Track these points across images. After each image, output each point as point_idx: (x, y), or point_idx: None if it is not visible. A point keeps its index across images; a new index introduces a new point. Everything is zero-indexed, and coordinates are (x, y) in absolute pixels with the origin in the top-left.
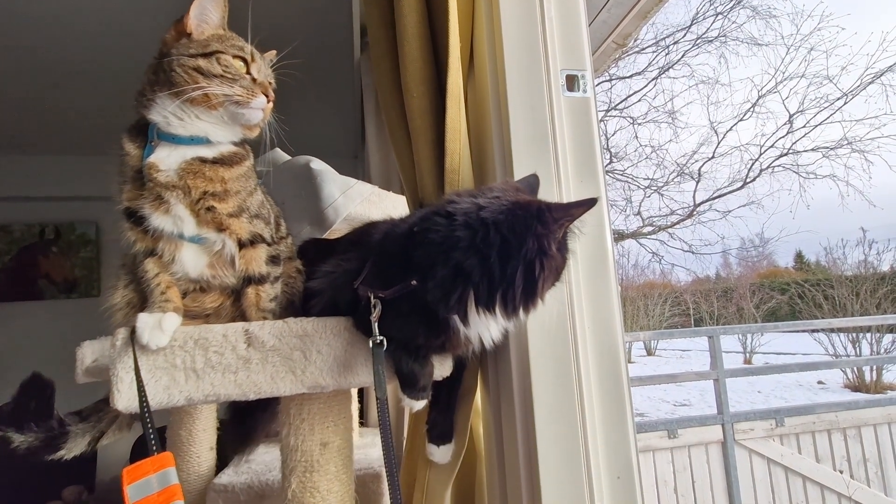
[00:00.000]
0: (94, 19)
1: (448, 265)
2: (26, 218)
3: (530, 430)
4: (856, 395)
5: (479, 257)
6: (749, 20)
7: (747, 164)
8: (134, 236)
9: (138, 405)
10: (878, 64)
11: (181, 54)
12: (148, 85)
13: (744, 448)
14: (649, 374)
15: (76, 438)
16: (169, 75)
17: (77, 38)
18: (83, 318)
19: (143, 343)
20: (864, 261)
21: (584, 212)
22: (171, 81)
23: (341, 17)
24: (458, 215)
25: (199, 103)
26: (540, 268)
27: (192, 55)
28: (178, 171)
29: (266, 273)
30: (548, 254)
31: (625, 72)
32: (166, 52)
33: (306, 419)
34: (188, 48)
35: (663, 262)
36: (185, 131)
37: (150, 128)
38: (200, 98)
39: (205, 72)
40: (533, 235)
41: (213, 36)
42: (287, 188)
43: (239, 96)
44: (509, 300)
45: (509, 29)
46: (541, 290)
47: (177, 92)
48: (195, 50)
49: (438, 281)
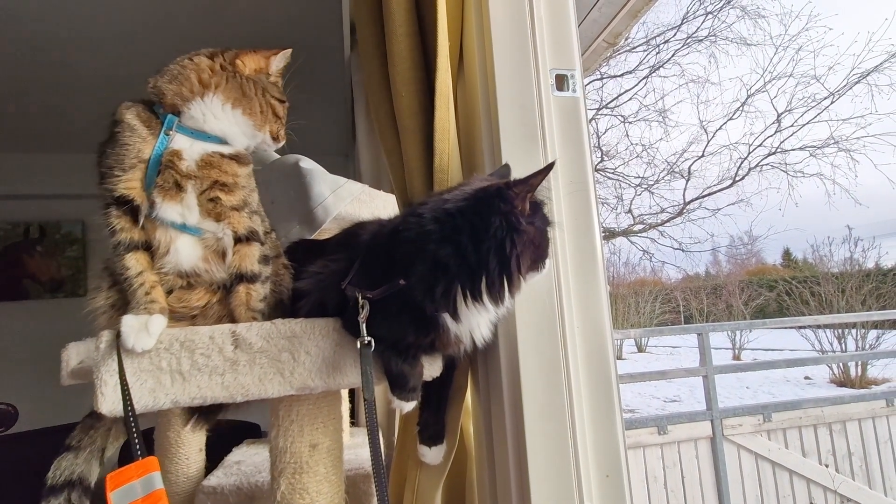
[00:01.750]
0: (82, 19)
1: (426, 260)
2: (10, 217)
3: (519, 429)
4: (841, 390)
5: (452, 246)
6: (738, 20)
7: (736, 163)
8: (120, 225)
9: (122, 409)
10: (865, 64)
11: (269, 92)
12: (198, 84)
13: (732, 443)
14: (640, 371)
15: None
16: (249, 94)
17: (64, 36)
18: (69, 318)
19: (129, 347)
20: (849, 258)
21: (542, 178)
22: (245, 96)
23: (331, 15)
24: (426, 213)
25: (255, 119)
26: (511, 244)
27: (275, 97)
28: (197, 161)
29: (258, 272)
30: (518, 229)
31: (616, 70)
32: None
33: (295, 421)
34: (274, 89)
35: (654, 260)
36: (212, 130)
37: (170, 118)
38: (259, 118)
39: (275, 112)
40: (498, 214)
41: (277, 83)
42: (276, 187)
43: (280, 135)
44: (491, 283)
45: (498, 28)
46: (518, 266)
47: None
48: (277, 95)
49: (419, 276)
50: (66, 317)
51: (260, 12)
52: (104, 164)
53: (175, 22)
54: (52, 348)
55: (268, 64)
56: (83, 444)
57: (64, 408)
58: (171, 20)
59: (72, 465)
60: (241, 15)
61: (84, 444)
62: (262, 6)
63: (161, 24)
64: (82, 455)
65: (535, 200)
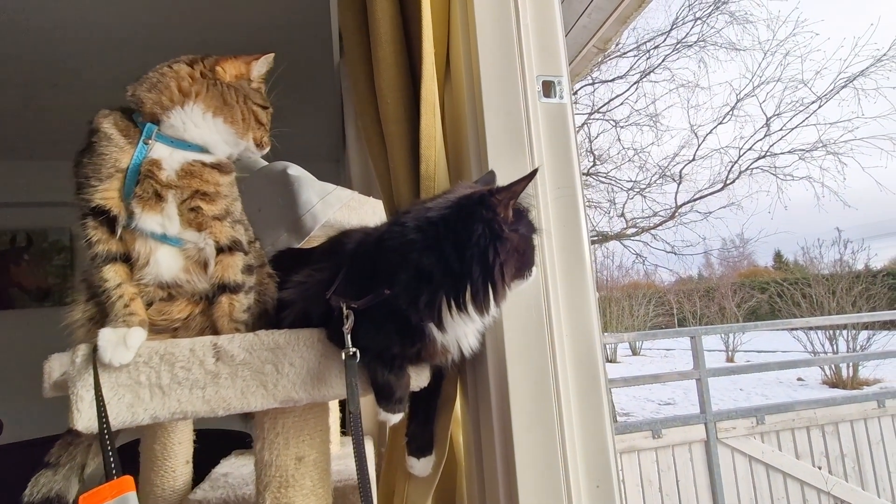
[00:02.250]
0: (69, 28)
1: (409, 269)
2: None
3: (508, 439)
4: (833, 391)
5: (435, 255)
6: (727, 25)
7: (727, 166)
8: (97, 236)
9: (98, 427)
10: (851, 68)
11: (251, 99)
12: (178, 92)
13: (726, 446)
14: (634, 375)
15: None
16: (230, 102)
17: (49, 44)
18: (56, 327)
19: (106, 361)
20: (839, 260)
21: (525, 185)
22: (226, 104)
23: (320, 22)
24: (408, 222)
25: (237, 127)
26: (494, 252)
27: (257, 103)
28: (178, 171)
29: (241, 282)
30: (501, 236)
31: (607, 75)
32: (230, 84)
33: (281, 433)
34: (256, 95)
35: (647, 263)
36: (192, 139)
37: (149, 126)
38: (242, 126)
39: (257, 119)
40: (481, 222)
41: (259, 90)
42: (263, 194)
43: (264, 142)
44: (475, 292)
45: (484, 35)
46: (501, 274)
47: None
48: (260, 102)
49: (404, 286)
50: (53, 326)
51: (250, 20)
52: (80, 174)
53: (165, 30)
54: (38, 359)
55: (249, 70)
56: (62, 460)
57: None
58: (161, 28)
59: (50, 481)
60: (231, 22)
61: (63, 460)
62: (252, 14)
63: (151, 31)
64: (61, 472)
65: (520, 207)
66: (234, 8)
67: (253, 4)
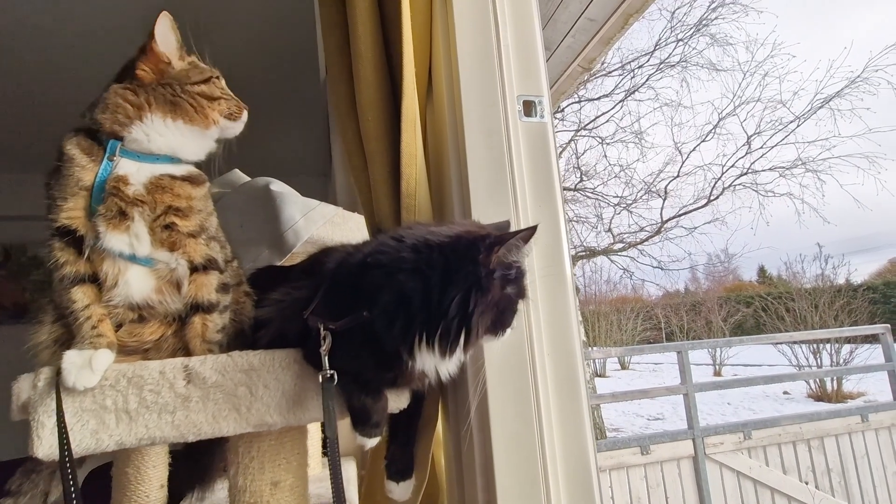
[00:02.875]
0: (47, 39)
1: (393, 290)
2: None
3: (489, 462)
4: (818, 405)
5: (421, 280)
6: (708, 47)
7: (710, 183)
8: (64, 258)
9: (59, 454)
10: (827, 89)
11: (187, 82)
12: (132, 107)
13: (714, 462)
14: (623, 390)
15: None
16: (174, 100)
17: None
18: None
19: (70, 385)
20: (821, 274)
21: (522, 239)
22: (174, 104)
23: (307, 38)
24: (407, 238)
25: (197, 123)
26: (474, 300)
27: (194, 83)
28: (146, 185)
29: (216, 301)
30: (482, 286)
31: (593, 94)
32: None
33: (255, 457)
34: (188, 77)
35: (634, 278)
36: (159, 149)
37: (112, 143)
38: (200, 118)
39: (208, 96)
40: (471, 263)
41: (193, 63)
42: (245, 210)
43: (234, 112)
44: (446, 332)
45: (465, 56)
46: (476, 323)
47: (178, 114)
48: (195, 78)
49: (383, 307)
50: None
51: (237, 37)
52: (49, 196)
53: None
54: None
55: (158, 53)
56: (24, 488)
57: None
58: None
59: None
60: (217, 41)
61: (25, 488)
62: (239, 31)
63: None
64: (23, 500)
65: (518, 268)
66: (220, 26)
67: (239, 22)
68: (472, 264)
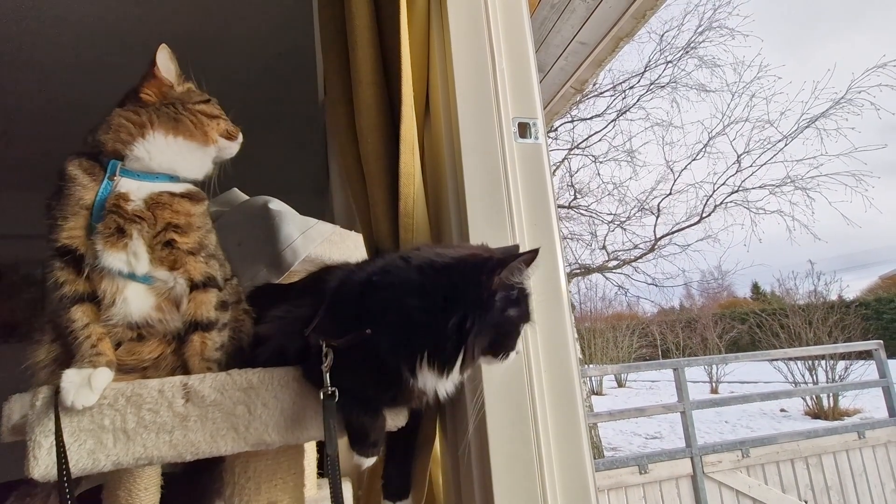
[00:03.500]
0: (45, 56)
1: (398, 309)
2: None
3: (487, 481)
4: (815, 422)
5: (425, 301)
6: (697, 69)
7: (702, 200)
8: (64, 277)
9: (57, 474)
10: (813, 110)
11: (188, 101)
12: (134, 126)
13: (713, 481)
14: (620, 409)
15: None
16: (177, 116)
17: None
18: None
19: (68, 404)
20: (813, 291)
21: (525, 259)
22: (176, 121)
23: (306, 59)
24: (413, 259)
25: (197, 139)
26: (472, 320)
27: (195, 102)
28: (146, 201)
29: (214, 319)
30: (482, 306)
31: (585, 114)
32: (164, 101)
33: (252, 478)
34: (191, 97)
35: (629, 295)
36: (159, 167)
37: (112, 163)
38: (200, 134)
39: (208, 114)
40: (472, 285)
41: (191, 88)
42: (243, 229)
43: (231, 132)
44: (443, 350)
45: (462, 80)
46: (472, 344)
47: (180, 131)
48: (197, 98)
49: (388, 325)
50: (18, 364)
51: (238, 59)
52: (49, 217)
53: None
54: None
55: (161, 78)
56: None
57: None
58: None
59: None
60: (217, 63)
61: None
62: (239, 53)
63: (135, 70)
64: None
65: (524, 291)
66: (221, 48)
67: (240, 44)
68: (474, 286)
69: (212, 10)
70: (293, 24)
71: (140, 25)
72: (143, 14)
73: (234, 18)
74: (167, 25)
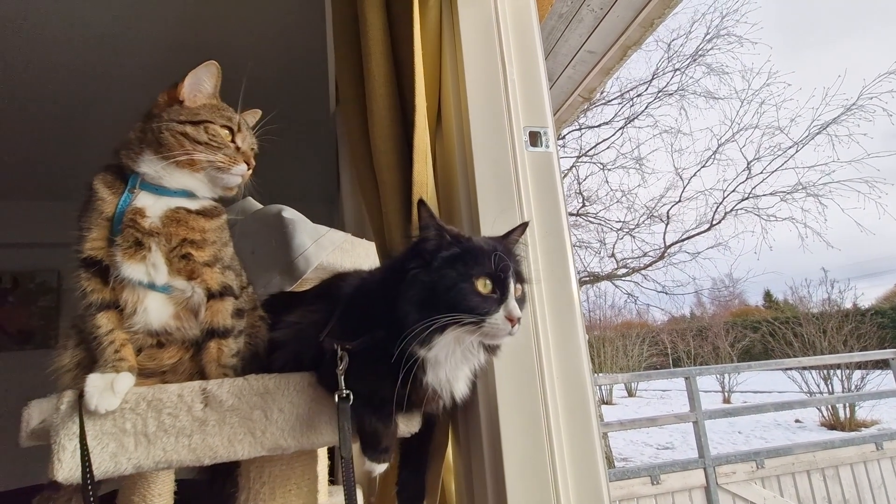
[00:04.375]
0: (62, 67)
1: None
2: None
3: (501, 487)
4: (832, 433)
5: None
6: (705, 76)
7: (712, 208)
8: (91, 287)
9: (81, 476)
10: (823, 116)
11: (171, 119)
12: (136, 141)
13: (727, 492)
14: (631, 418)
15: None
16: (157, 136)
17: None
18: (38, 371)
19: (92, 408)
20: (827, 299)
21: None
22: (158, 142)
23: (318, 71)
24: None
25: (184, 165)
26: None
27: (181, 122)
28: (162, 218)
29: (231, 326)
30: None
31: (593, 122)
32: (157, 114)
33: (266, 483)
34: (178, 114)
35: (639, 303)
36: (173, 185)
37: (133, 177)
38: (185, 161)
39: (191, 138)
40: None
41: (205, 105)
42: (258, 237)
43: (221, 163)
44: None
45: (473, 89)
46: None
47: (164, 154)
48: (185, 117)
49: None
50: (34, 370)
51: (250, 70)
52: (78, 228)
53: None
54: (15, 404)
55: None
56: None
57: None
58: (160, 78)
59: None
60: (227, 72)
61: None
62: (248, 62)
63: (149, 84)
64: None
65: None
66: (232, 57)
67: (251, 53)
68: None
69: (223, 19)
70: (304, 33)
71: (149, 34)
72: (152, 23)
73: (245, 27)
74: (179, 35)
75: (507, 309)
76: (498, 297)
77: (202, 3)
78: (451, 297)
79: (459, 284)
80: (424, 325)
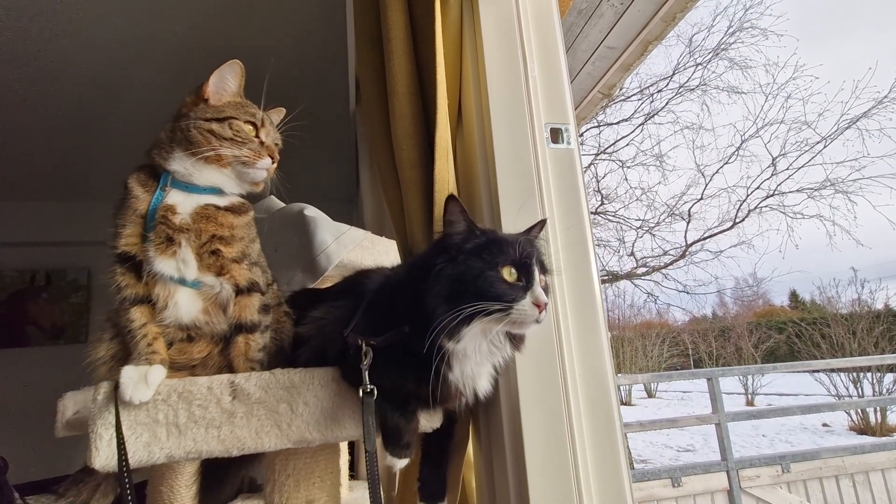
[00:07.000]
0: (87, 69)
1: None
2: (18, 264)
3: (523, 484)
4: (861, 438)
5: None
6: (727, 70)
7: (735, 205)
8: (125, 282)
9: (117, 464)
10: (853, 110)
11: (198, 118)
12: (166, 140)
13: (751, 496)
14: (650, 419)
15: None
16: (186, 135)
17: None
18: (68, 365)
19: (127, 399)
20: (857, 299)
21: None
22: (187, 140)
23: (338, 71)
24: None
25: (212, 161)
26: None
27: (207, 119)
28: (192, 214)
29: (258, 321)
30: None
31: (612, 118)
32: (185, 113)
33: (291, 475)
34: (205, 112)
35: (659, 302)
36: (202, 182)
37: (164, 175)
38: (213, 157)
39: (217, 134)
40: None
41: (229, 103)
42: (280, 235)
43: (246, 157)
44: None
45: (494, 86)
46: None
47: (193, 151)
48: (210, 114)
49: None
50: (65, 364)
51: (267, 67)
52: (113, 225)
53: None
54: (49, 397)
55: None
56: (68, 493)
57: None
58: (185, 80)
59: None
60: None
61: (69, 493)
62: (269, 62)
63: (168, 82)
64: (62, 502)
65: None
66: (254, 58)
67: (271, 54)
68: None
69: (243, 20)
70: (324, 34)
71: (173, 36)
72: (175, 25)
73: (265, 28)
74: (201, 37)
75: (533, 295)
76: (524, 284)
77: (223, 6)
78: (478, 285)
79: (486, 272)
80: (453, 316)
